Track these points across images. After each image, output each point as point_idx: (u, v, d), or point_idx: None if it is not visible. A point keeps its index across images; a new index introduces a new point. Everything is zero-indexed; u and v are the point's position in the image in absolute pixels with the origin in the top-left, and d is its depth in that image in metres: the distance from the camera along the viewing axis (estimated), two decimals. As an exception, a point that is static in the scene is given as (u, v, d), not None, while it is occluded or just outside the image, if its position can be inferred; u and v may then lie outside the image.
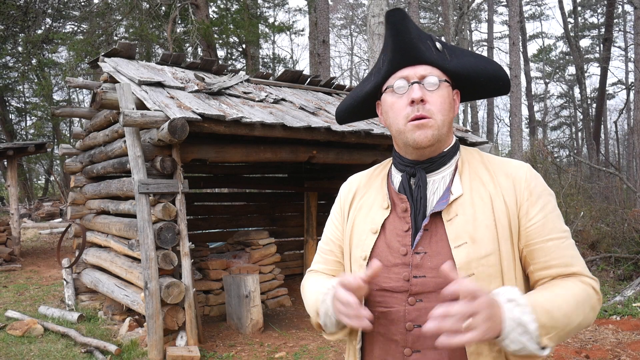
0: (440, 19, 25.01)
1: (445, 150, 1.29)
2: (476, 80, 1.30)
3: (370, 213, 1.33)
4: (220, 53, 18.71)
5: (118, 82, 4.97)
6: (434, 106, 1.22)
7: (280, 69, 23.19)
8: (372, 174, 1.43)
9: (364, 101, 1.38)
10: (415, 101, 1.20)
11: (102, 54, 5.88)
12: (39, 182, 27.67)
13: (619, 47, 27.03)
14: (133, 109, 4.49)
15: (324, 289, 1.29)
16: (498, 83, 1.32)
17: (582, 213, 9.68)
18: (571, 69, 29.36)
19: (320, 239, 1.54)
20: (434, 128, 1.21)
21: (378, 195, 1.35)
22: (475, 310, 0.98)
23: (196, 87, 5.40)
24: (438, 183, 1.28)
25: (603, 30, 23.03)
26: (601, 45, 23.18)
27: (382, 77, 1.29)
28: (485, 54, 24.75)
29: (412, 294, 1.21)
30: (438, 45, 1.26)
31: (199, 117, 4.49)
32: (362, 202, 1.38)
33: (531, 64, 29.02)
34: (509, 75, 1.33)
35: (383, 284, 1.26)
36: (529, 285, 1.26)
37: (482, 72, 1.29)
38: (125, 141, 4.85)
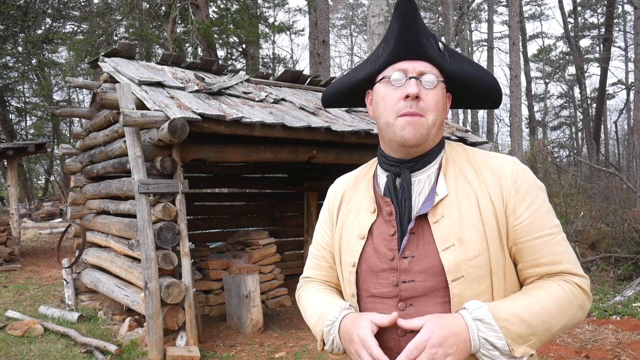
0: (440, 19, 25.00)
1: (430, 148, 1.27)
2: (471, 88, 1.28)
3: (358, 217, 1.31)
4: (220, 53, 18.71)
5: (118, 82, 4.97)
6: (427, 104, 1.19)
7: (280, 69, 23.19)
8: (359, 176, 1.40)
9: (356, 88, 1.35)
10: (410, 96, 1.18)
11: (102, 54, 5.88)
12: (39, 182, 27.68)
13: (619, 47, 27.05)
14: (133, 109, 4.49)
15: (326, 316, 1.27)
16: (491, 95, 1.31)
17: (582, 213, 9.67)
18: (571, 69, 29.37)
19: None
20: (424, 127, 1.19)
21: (365, 199, 1.32)
22: (430, 358, 1.06)
23: (196, 87, 5.40)
24: (423, 183, 1.25)
25: (603, 30, 23.03)
26: (601, 45, 23.18)
27: (380, 65, 1.25)
28: (485, 54, 24.78)
29: (402, 299, 1.19)
30: (440, 45, 1.25)
31: (199, 117, 4.49)
32: (350, 206, 1.35)
33: (531, 64, 29.02)
34: (502, 91, 1.32)
35: (373, 290, 1.25)
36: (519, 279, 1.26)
37: (478, 81, 1.28)
38: (125, 141, 4.85)
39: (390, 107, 1.21)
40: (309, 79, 7.38)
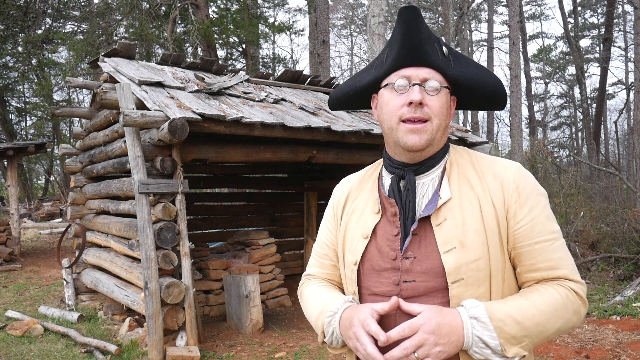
0: (440, 19, 24.98)
1: (435, 152, 1.29)
2: (475, 91, 1.31)
3: (362, 217, 1.33)
4: (220, 53, 18.70)
5: (118, 82, 4.97)
6: (431, 109, 1.22)
7: (280, 69, 23.18)
8: (364, 176, 1.43)
9: (362, 92, 1.37)
10: (414, 103, 1.20)
11: (102, 54, 5.88)
12: (39, 182, 27.68)
13: (619, 47, 27.04)
14: (133, 109, 4.49)
15: (329, 307, 1.29)
16: (495, 98, 1.33)
17: (582, 213, 9.67)
18: (571, 69, 29.37)
19: None
20: (429, 132, 1.22)
21: (370, 199, 1.35)
22: (420, 342, 1.08)
23: (196, 87, 5.40)
24: (427, 185, 1.28)
25: (603, 30, 23.03)
26: (601, 45, 23.19)
27: (384, 72, 1.28)
28: (485, 54, 24.77)
29: (403, 298, 1.21)
30: (445, 50, 1.26)
31: (199, 117, 4.49)
32: (355, 206, 1.38)
33: (531, 64, 29.01)
34: (507, 93, 1.34)
35: (374, 289, 1.27)
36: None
37: (482, 84, 1.30)
38: (125, 141, 4.85)
39: (393, 113, 1.24)
40: (309, 79, 7.38)
